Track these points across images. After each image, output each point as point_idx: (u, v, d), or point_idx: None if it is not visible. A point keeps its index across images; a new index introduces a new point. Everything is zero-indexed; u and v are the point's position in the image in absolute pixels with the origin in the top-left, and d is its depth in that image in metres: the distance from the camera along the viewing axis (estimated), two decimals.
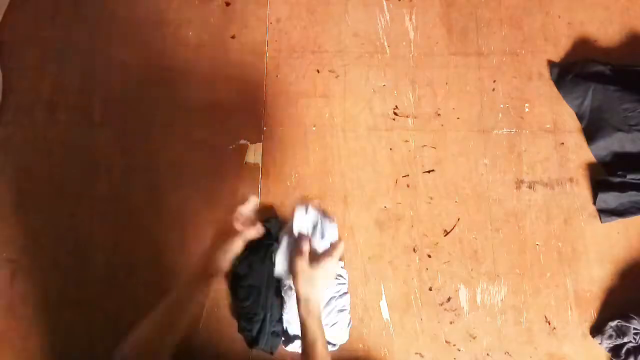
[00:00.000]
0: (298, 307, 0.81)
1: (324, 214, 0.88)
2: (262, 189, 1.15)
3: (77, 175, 1.16)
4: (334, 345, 1.03)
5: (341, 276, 1.05)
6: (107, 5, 1.25)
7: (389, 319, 1.07)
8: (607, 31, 1.23)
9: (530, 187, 1.15)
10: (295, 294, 0.83)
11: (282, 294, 1.06)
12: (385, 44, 1.23)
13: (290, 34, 1.24)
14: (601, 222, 1.12)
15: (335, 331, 1.01)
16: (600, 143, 1.15)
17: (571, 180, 1.15)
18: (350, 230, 1.12)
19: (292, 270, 0.83)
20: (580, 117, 1.18)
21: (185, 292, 0.80)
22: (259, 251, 1.07)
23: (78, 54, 1.22)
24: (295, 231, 0.86)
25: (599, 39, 1.23)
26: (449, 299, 1.09)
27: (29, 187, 1.15)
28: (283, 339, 1.05)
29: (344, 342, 1.03)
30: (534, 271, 1.11)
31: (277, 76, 1.21)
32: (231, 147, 1.17)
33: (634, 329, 1.03)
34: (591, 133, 1.16)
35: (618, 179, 1.12)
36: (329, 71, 1.22)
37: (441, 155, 1.17)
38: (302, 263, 0.81)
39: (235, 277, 1.09)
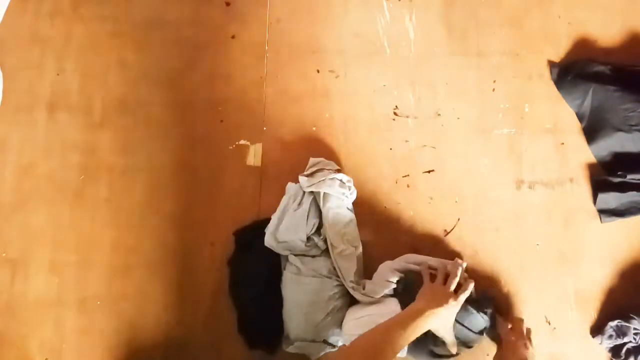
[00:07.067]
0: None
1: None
2: (262, 189, 1.14)
3: (77, 175, 1.16)
4: (334, 347, 1.03)
5: (338, 278, 1.05)
6: (107, 6, 1.25)
7: None
8: (607, 31, 1.23)
9: (530, 187, 1.15)
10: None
11: (283, 295, 1.06)
12: (385, 44, 1.23)
13: (290, 34, 1.24)
14: (601, 222, 1.12)
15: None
16: (600, 143, 1.15)
17: (571, 180, 1.15)
18: None
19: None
20: (580, 117, 1.18)
21: (416, 325, 0.86)
22: (259, 252, 1.07)
23: (78, 54, 1.22)
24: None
25: (599, 39, 1.23)
26: None
27: (29, 187, 1.15)
28: (283, 340, 1.05)
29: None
30: (534, 271, 1.11)
31: (277, 76, 1.21)
32: (231, 147, 1.17)
33: (634, 329, 1.03)
34: (591, 133, 1.16)
35: (618, 179, 1.12)
36: (329, 71, 1.22)
37: (441, 155, 1.17)
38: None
39: (235, 278, 1.09)
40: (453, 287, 0.96)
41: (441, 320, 0.91)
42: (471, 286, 0.98)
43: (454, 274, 0.97)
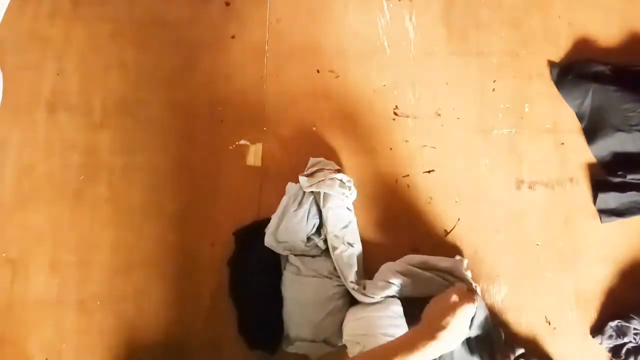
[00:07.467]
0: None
1: None
2: (262, 189, 1.14)
3: (77, 175, 1.16)
4: (334, 347, 1.03)
5: (338, 278, 1.05)
6: (107, 6, 1.25)
7: None
8: (607, 31, 1.23)
9: (530, 187, 1.15)
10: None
11: (283, 295, 1.06)
12: (385, 44, 1.23)
13: (290, 34, 1.24)
14: (601, 222, 1.12)
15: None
16: (600, 143, 1.15)
17: (571, 180, 1.15)
18: None
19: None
20: (580, 117, 1.18)
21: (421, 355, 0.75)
22: (259, 252, 1.07)
23: (78, 54, 1.22)
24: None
25: (599, 39, 1.23)
26: None
27: (29, 187, 1.15)
28: (283, 340, 1.05)
29: None
30: (534, 271, 1.11)
31: (277, 76, 1.21)
32: (231, 147, 1.17)
33: (634, 329, 1.03)
34: (591, 133, 1.16)
35: (618, 179, 1.12)
36: (329, 71, 1.22)
37: (441, 155, 1.17)
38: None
39: (235, 278, 1.09)
40: (462, 314, 0.82)
41: (447, 343, 0.78)
42: (474, 305, 0.86)
43: (469, 299, 0.84)
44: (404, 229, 1.13)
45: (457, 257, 1.05)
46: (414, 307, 1.05)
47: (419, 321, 0.91)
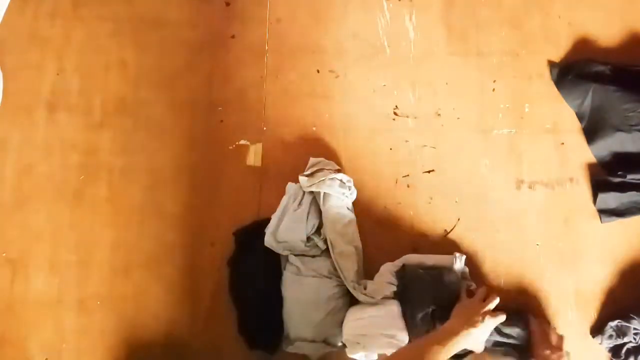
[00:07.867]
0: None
1: None
2: (262, 189, 1.14)
3: (77, 175, 1.16)
4: (334, 347, 1.03)
5: (338, 278, 1.05)
6: (107, 5, 1.25)
7: None
8: (607, 31, 1.23)
9: (530, 187, 1.15)
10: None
11: (283, 294, 1.06)
12: (385, 44, 1.23)
13: (290, 34, 1.24)
14: (601, 222, 1.12)
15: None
16: (600, 143, 1.15)
17: (571, 180, 1.15)
18: None
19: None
20: (580, 117, 1.18)
21: (454, 343, 0.88)
22: (259, 252, 1.07)
23: (78, 54, 1.22)
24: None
25: (599, 39, 1.23)
26: None
27: (28, 187, 1.15)
28: (283, 340, 1.05)
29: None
30: (534, 271, 1.11)
31: (277, 76, 1.21)
32: (231, 147, 1.17)
33: (634, 329, 1.03)
34: (591, 133, 1.16)
35: (618, 179, 1.12)
36: (329, 71, 1.22)
37: (441, 155, 1.17)
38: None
39: (235, 278, 1.09)
40: (491, 307, 0.97)
41: (475, 339, 0.92)
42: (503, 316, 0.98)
43: (494, 297, 0.99)
44: (404, 229, 1.13)
45: (457, 254, 1.05)
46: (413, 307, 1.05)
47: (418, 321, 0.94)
